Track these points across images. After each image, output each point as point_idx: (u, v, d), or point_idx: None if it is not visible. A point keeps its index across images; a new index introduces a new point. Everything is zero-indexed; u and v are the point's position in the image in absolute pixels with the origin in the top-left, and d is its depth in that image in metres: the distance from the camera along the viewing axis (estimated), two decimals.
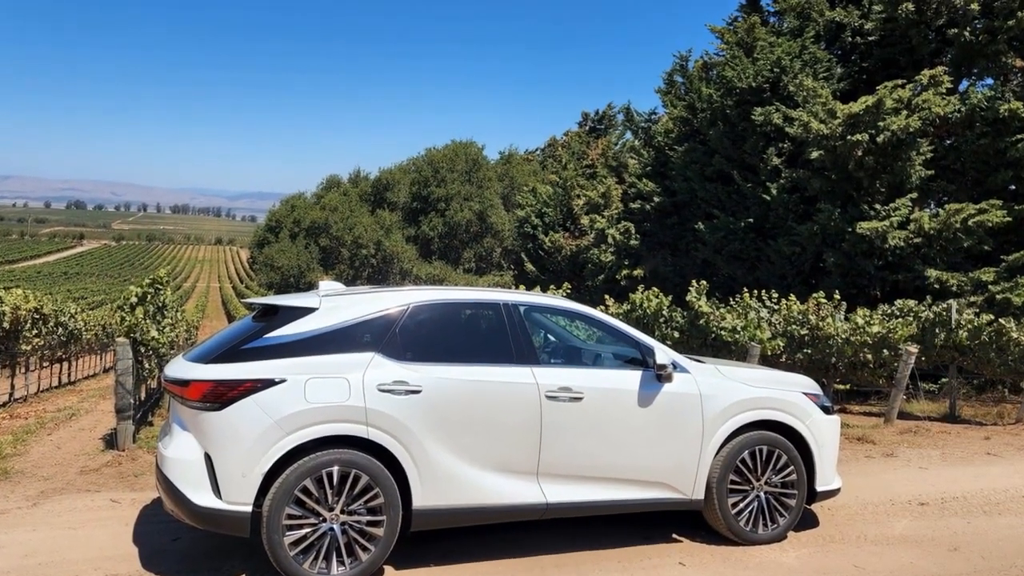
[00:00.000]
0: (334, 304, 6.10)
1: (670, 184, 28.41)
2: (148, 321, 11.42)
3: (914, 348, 13.48)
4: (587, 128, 59.79)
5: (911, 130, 19.38)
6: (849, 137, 19.64)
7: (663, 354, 6.57)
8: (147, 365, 12.06)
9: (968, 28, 21.08)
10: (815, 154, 20.50)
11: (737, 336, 13.62)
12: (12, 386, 16.52)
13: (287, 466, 5.53)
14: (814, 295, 15.08)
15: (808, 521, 7.32)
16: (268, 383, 5.58)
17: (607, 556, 6.37)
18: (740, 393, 6.74)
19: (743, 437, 6.70)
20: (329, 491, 5.57)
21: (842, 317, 14.98)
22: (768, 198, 22.66)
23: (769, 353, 13.63)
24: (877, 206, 20.21)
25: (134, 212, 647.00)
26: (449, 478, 5.86)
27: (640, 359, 6.60)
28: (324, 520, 5.56)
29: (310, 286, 54.63)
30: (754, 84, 23.40)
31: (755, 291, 15.60)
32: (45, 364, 20.83)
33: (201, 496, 5.48)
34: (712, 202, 25.37)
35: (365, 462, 5.65)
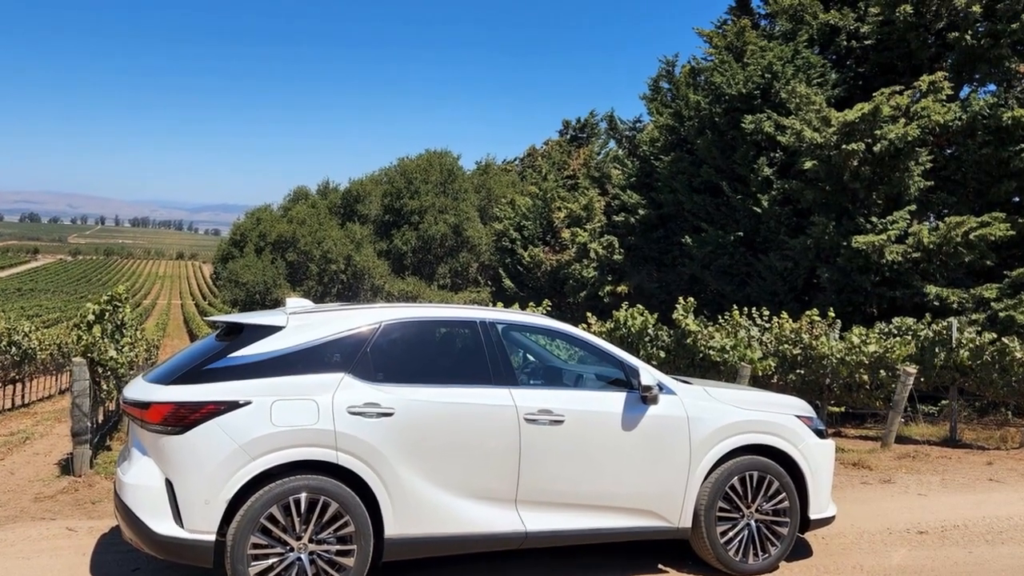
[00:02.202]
0: (302, 322, 6.11)
1: (656, 196, 28.45)
2: (106, 340, 11.39)
3: (912, 369, 13.54)
4: (568, 137, 59.88)
5: (909, 139, 19.46)
6: (844, 146, 19.72)
7: (648, 375, 6.58)
8: (105, 386, 12.00)
9: (969, 32, 21.20)
10: (808, 164, 20.58)
11: (726, 356, 13.67)
12: None
13: (252, 492, 5.53)
14: (807, 313, 15.16)
15: (801, 550, 7.36)
16: (232, 405, 5.58)
17: None
18: (729, 416, 6.77)
19: (733, 462, 6.72)
20: (297, 519, 5.57)
21: (837, 336, 15.05)
22: (759, 210, 22.73)
23: (760, 374, 13.68)
24: (874, 219, 20.30)
25: (91, 225, 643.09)
26: (423, 505, 5.87)
27: (624, 380, 6.63)
28: (292, 549, 5.56)
29: (277, 303, 54.34)
30: (744, 90, 23.51)
31: (745, 308, 15.67)
32: None
33: (162, 524, 5.47)
34: (700, 215, 25.42)
35: (334, 488, 5.66)
